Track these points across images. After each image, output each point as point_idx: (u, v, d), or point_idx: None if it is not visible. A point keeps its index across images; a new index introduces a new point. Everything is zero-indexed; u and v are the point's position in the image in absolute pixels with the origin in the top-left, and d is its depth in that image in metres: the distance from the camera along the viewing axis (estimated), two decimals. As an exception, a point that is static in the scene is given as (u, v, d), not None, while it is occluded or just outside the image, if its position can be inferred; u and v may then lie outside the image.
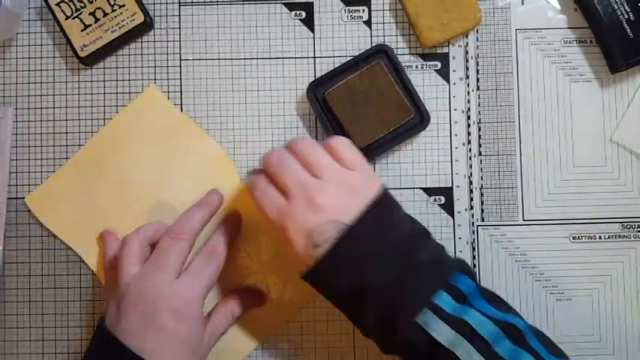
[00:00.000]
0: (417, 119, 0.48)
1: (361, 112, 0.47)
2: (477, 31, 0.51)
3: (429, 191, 0.50)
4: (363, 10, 0.51)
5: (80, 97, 0.50)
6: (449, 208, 0.50)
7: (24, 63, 0.50)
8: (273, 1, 0.51)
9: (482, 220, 0.50)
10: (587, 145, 0.50)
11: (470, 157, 0.50)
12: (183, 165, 0.50)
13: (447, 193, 0.50)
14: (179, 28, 0.51)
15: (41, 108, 0.50)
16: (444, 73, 0.51)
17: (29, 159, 0.50)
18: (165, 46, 0.51)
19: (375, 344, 0.41)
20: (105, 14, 0.49)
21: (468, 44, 0.51)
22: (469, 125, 0.50)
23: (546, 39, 0.50)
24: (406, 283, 0.38)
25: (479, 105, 0.50)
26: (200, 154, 0.50)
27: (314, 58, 0.51)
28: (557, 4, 0.51)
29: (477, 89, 0.50)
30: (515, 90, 0.50)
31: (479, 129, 0.50)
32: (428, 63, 0.50)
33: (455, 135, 0.50)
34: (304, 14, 0.51)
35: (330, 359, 0.49)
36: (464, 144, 0.50)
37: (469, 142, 0.50)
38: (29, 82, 0.50)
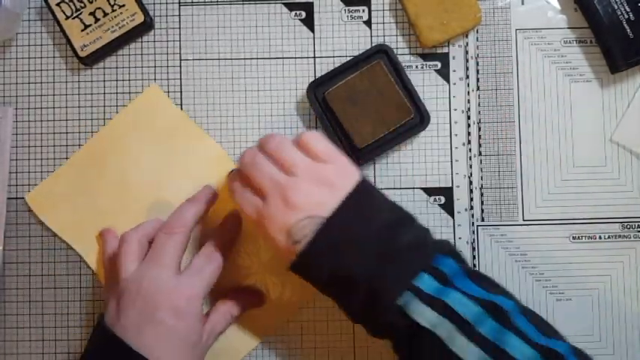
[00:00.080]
0: (417, 119, 0.48)
1: (361, 112, 0.47)
2: (477, 31, 0.51)
3: (428, 191, 0.50)
4: (363, 10, 0.51)
5: (80, 97, 0.50)
6: (449, 208, 0.50)
7: (24, 63, 0.50)
8: (273, 1, 0.51)
9: (482, 220, 0.50)
10: (587, 145, 0.50)
11: (470, 157, 0.50)
12: (183, 165, 0.50)
13: (447, 193, 0.50)
14: (179, 28, 0.51)
15: (41, 108, 0.50)
16: (444, 73, 0.50)
17: (29, 159, 0.50)
18: (165, 46, 0.51)
19: (364, 330, 0.41)
20: (105, 14, 0.49)
21: (468, 44, 0.51)
22: (469, 125, 0.50)
23: (546, 39, 0.50)
24: (386, 267, 0.38)
25: (479, 105, 0.50)
26: (200, 154, 0.50)
27: (314, 58, 0.51)
28: (557, 4, 0.51)
29: (477, 89, 0.50)
30: (515, 90, 0.50)
31: (479, 129, 0.50)
32: (428, 63, 0.50)
33: (455, 135, 0.50)
34: (304, 14, 0.51)
35: (330, 359, 0.49)
36: (464, 144, 0.50)
37: (469, 142, 0.50)
38: (29, 82, 0.50)
